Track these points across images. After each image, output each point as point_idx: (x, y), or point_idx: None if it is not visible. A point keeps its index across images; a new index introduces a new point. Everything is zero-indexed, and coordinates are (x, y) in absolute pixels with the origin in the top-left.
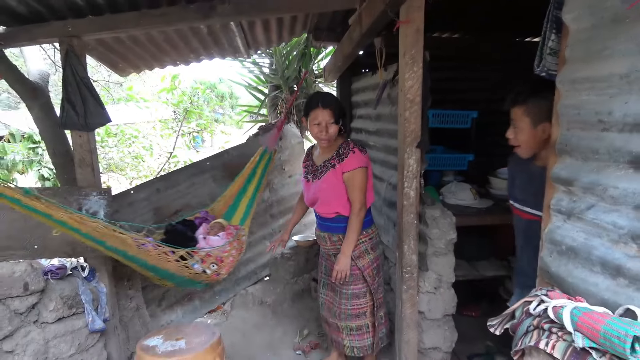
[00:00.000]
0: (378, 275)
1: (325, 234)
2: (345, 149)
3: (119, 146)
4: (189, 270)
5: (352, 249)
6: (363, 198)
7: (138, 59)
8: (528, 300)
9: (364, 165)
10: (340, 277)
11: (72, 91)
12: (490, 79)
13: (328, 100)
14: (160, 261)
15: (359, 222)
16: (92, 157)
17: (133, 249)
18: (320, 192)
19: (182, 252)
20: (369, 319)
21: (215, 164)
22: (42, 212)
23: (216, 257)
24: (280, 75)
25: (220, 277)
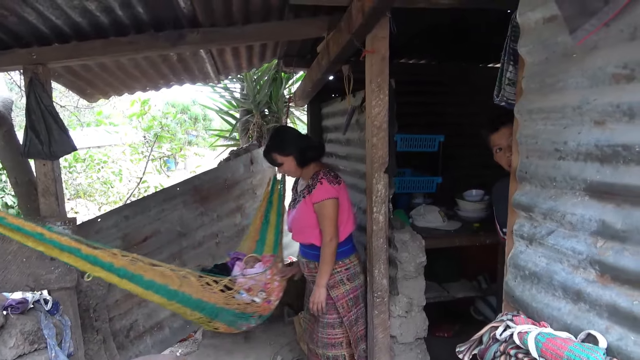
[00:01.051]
0: (356, 306)
1: (303, 260)
2: (314, 180)
3: (87, 171)
4: (237, 301)
5: (326, 280)
6: (333, 229)
7: (106, 86)
8: (494, 325)
9: (333, 197)
10: (317, 308)
11: (36, 119)
12: (457, 103)
13: (267, 148)
14: (205, 293)
15: (330, 253)
16: (56, 185)
17: (175, 282)
18: (293, 222)
19: (225, 280)
20: (346, 349)
21: (185, 189)
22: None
23: (262, 285)
24: (252, 100)
25: (272, 304)
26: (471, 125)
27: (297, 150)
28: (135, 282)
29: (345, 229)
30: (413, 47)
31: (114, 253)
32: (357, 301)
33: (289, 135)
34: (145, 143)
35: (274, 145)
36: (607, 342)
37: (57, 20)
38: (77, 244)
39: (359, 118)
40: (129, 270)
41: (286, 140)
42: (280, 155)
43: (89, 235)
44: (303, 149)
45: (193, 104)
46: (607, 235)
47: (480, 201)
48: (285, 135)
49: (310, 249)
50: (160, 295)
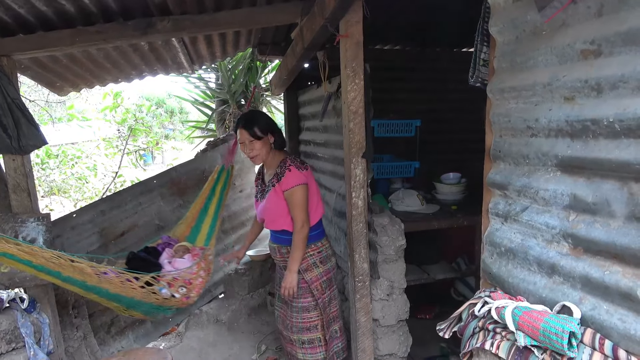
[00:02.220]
0: (329, 288)
1: (275, 245)
2: (282, 168)
3: (61, 167)
4: (156, 296)
5: (297, 265)
6: (304, 215)
7: (76, 77)
8: (473, 302)
9: (302, 182)
10: (288, 293)
11: (2, 113)
12: (432, 88)
13: (247, 119)
14: (125, 289)
15: (302, 239)
16: (27, 181)
17: (93, 279)
18: (265, 212)
19: (147, 277)
20: (321, 332)
21: (162, 182)
22: None
23: (184, 280)
24: (227, 89)
25: (191, 300)
26: (446, 110)
27: (272, 130)
28: (53, 277)
29: (316, 214)
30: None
31: (33, 250)
32: (330, 283)
33: (262, 116)
34: (119, 137)
35: (257, 120)
36: (581, 312)
37: (20, 9)
38: None
39: (336, 104)
40: (47, 267)
41: (261, 120)
42: (260, 132)
43: (64, 232)
44: (277, 132)
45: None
46: (579, 208)
47: (457, 184)
48: (259, 115)
49: (282, 234)
50: (78, 287)
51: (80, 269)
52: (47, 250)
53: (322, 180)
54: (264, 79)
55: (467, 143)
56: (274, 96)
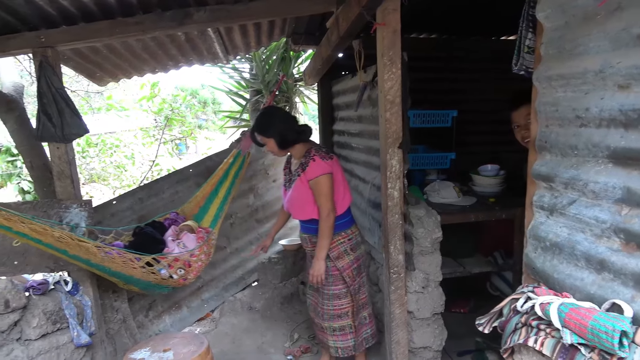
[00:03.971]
0: (359, 275)
1: (305, 235)
2: (307, 158)
3: (100, 156)
4: (155, 275)
5: (324, 253)
6: (330, 203)
7: (116, 68)
8: (515, 297)
9: (327, 172)
10: (316, 281)
11: (47, 103)
12: (470, 78)
13: (252, 128)
14: (126, 268)
15: (328, 227)
16: (70, 168)
17: (97, 257)
18: (291, 201)
19: (148, 258)
20: (351, 319)
21: (198, 171)
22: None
23: (184, 262)
24: (261, 79)
25: (188, 281)
26: (484, 100)
27: (278, 133)
28: (60, 253)
29: (343, 202)
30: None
31: (45, 228)
32: (360, 270)
33: (271, 118)
34: (156, 126)
35: (257, 127)
36: (634, 310)
37: (64, 1)
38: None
39: (371, 94)
40: (55, 246)
41: (267, 124)
42: (262, 137)
43: (105, 218)
44: (283, 133)
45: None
46: (633, 202)
47: (495, 176)
48: (267, 118)
49: (311, 223)
50: (82, 263)
51: (86, 248)
52: (56, 230)
53: (355, 170)
54: (297, 69)
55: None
56: (307, 86)
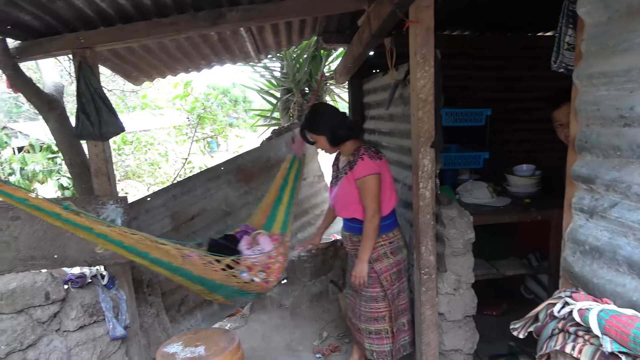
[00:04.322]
0: (398, 280)
1: (347, 233)
2: (355, 156)
3: (135, 153)
4: (237, 279)
5: (368, 255)
6: (375, 204)
7: (150, 68)
8: (552, 302)
9: (375, 172)
10: (358, 283)
11: (86, 102)
12: (504, 75)
13: (302, 125)
14: (207, 271)
15: (373, 229)
16: (107, 166)
17: (178, 260)
18: (336, 198)
19: (227, 260)
20: (388, 323)
21: (229, 169)
22: (83, 226)
23: (263, 265)
24: (292, 78)
25: (270, 285)
26: (519, 98)
27: (329, 130)
28: (142, 257)
29: (389, 204)
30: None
31: (124, 231)
32: (400, 275)
33: (322, 114)
34: (188, 125)
35: (307, 125)
36: None
37: (102, 3)
38: (90, 222)
39: (403, 92)
40: (137, 248)
41: (318, 120)
42: (313, 134)
43: (140, 214)
44: (335, 129)
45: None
46: None
47: (531, 176)
48: (318, 114)
49: (353, 222)
50: (164, 269)
51: (166, 250)
52: (136, 232)
53: None
54: (327, 68)
55: (539, 133)
56: (337, 85)
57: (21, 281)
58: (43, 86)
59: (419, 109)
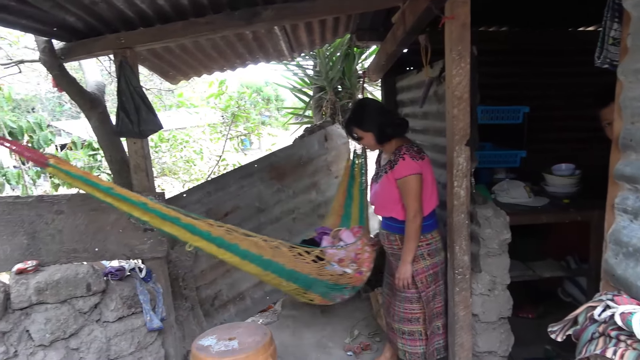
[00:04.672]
0: (435, 283)
1: (384, 231)
2: (396, 155)
3: (171, 151)
4: (329, 272)
5: (411, 256)
6: (417, 205)
7: (187, 67)
8: (592, 305)
9: (416, 172)
10: (402, 284)
11: (126, 100)
12: (542, 72)
13: (347, 121)
14: (298, 263)
15: (415, 229)
16: (146, 162)
17: (268, 252)
18: (376, 196)
19: (316, 251)
20: (422, 326)
21: (262, 166)
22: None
23: (352, 258)
24: (324, 76)
25: (364, 275)
26: (558, 96)
27: (376, 127)
28: (232, 252)
29: (429, 204)
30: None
31: (210, 223)
32: (437, 277)
33: (370, 110)
34: (223, 123)
35: (354, 120)
36: None
37: (142, 4)
38: (176, 213)
39: (437, 89)
40: (226, 240)
41: (366, 116)
42: (359, 130)
43: None
44: (382, 126)
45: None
46: None
47: (570, 176)
48: (366, 110)
49: (392, 221)
50: (256, 264)
51: (255, 242)
52: (223, 224)
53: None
54: (360, 65)
55: (579, 131)
56: (370, 83)
57: (65, 272)
58: (85, 85)
59: (454, 106)
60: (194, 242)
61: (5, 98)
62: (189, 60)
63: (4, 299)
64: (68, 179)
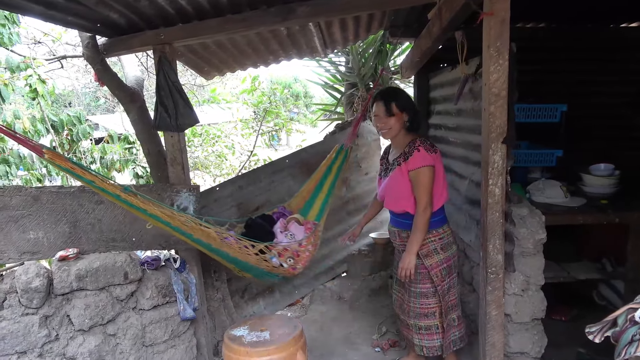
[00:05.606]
0: (449, 276)
1: (395, 229)
2: (411, 148)
3: (203, 145)
4: (267, 263)
5: (417, 247)
6: (427, 197)
7: (221, 63)
8: (633, 307)
9: (430, 164)
10: (405, 275)
11: (164, 95)
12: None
13: (385, 93)
14: (241, 254)
15: (424, 221)
16: (182, 156)
17: (217, 242)
18: (387, 190)
19: (261, 245)
20: (439, 319)
21: (293, 162)
22: (138, 207)
23: (293, 252)
24: (357, 73)
25: (297, 271)
26: (597, 93)
27: (412, 110)
28: (185, 237)
29: (440, 199)
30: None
31: (172, 214)
32: (451, 270)
33: (407, 95)
34: (255, 118)
35: (393, 96)
36: None
37: (182, 1)
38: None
39: (473, 87)
40: (182, 229)
41: (405, 98)
42: (397, 108)
43: (209, 203)
44: (417, 112)
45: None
46: None
47: (609, 176)
48: (404, 93)
49: (404, 217)
50: (204, 247)
51: (207, 233)
52: (182, 215)
53: (452, 166)
54: (393, 62)
55: (618, 130)
56: (403, 80)
57: (104, 261)
58: (125, 80)
59: (491, 103)
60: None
61: (49, 92)
62: (224, 56)
63: (47, 285)
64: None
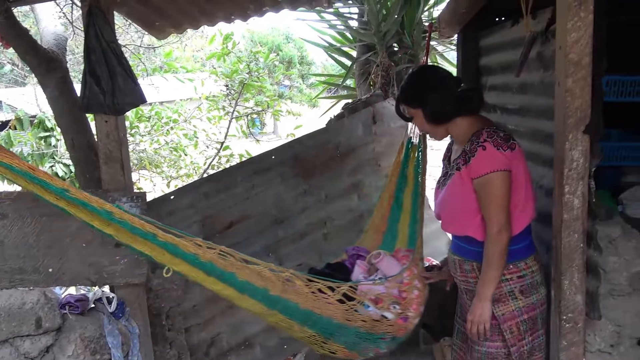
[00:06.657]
0: (532, 332)
1: (455, 257)
2: (474, 144)
3: (152, 134)
4: (361, 316)
5: (491, 290)
6: (503, 216)
7: (181, 14)
8: None
9: (502, 169)
10: (476, 330)
11: (96, 60)
12: None
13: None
14: (317, 303)
15: (499, 252)
16: (121, 149)
17: (276, 286)
18: (442, 204)
19: (345, 287)
20: None
21: (283, 158)
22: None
23: (394, 296)
24: (375, 30)
25: (409, 322)
26: None
27: (426, 102)
28: (225, 282)
29: (521, 217)
30: None
31: (199, 244)
32: (535, 325)
33: (420, 81)
34: (227, 95)
35: (403, 94)
36: None
37: None
38: (152, 228)
39: (543, 50)
40: (218, 267)
41: (415, 89)
42: (407, 107)
43: (161, 218)
44: (435, 101)
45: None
46: None
47: None
48: (415, 81)
49: (467, 243)
50: (258, 300)
51: (258, 271)
52: (212, 245)
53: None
54: (427, 14)
55: None
56: (441, 39)
57: (7, 301)
58: (41, 39)
59: (568, 75)
60: (174, 265)
61: None
62: (184, 4)
63: None
64: (9, 174)
